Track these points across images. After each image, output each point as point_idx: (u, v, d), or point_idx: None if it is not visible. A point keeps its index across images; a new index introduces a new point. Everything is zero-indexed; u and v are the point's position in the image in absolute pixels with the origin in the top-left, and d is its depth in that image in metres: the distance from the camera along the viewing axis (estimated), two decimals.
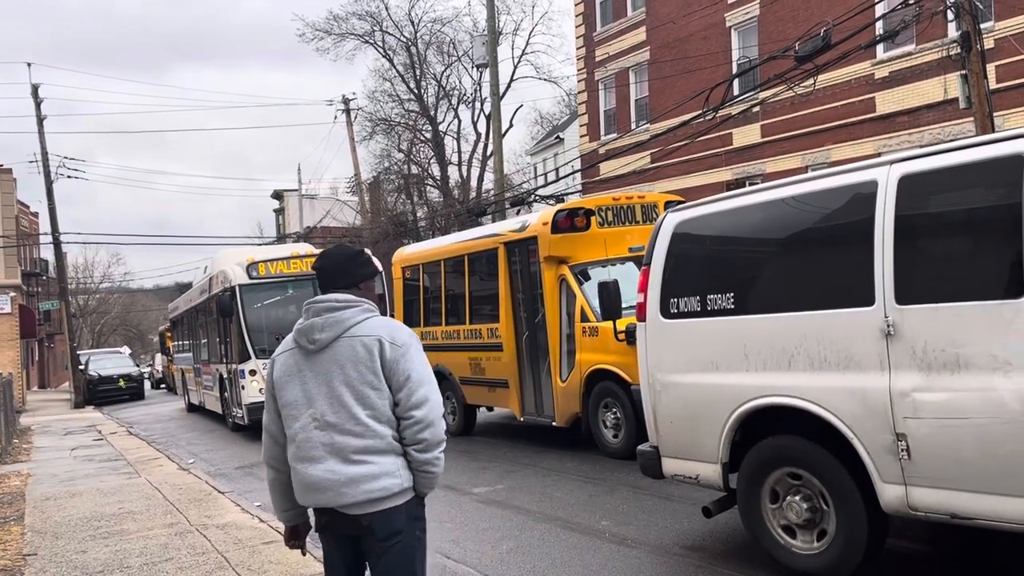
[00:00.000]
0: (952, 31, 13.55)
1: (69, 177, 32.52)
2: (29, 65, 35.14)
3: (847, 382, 4.46)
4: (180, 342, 24.17)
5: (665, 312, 5.55)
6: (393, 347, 2.99)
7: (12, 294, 29.03)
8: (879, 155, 13.49)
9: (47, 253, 43.70)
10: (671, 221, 5.69)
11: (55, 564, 6.53)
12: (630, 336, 8.32)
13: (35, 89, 31.06)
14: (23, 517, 8.56)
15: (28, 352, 37.53)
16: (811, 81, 12.38)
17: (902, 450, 4.21)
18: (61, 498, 9.61)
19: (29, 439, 17.65)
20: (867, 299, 4.37)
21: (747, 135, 20.31)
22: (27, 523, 8.24)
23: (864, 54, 15.16)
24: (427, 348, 12.40)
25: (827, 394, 4.55)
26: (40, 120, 31.09)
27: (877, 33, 13.62)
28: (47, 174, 30.86)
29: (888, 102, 17.37)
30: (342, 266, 3.21)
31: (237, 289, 14.32)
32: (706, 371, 5.27)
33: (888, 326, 4.26)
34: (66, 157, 32.56)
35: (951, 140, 5.63)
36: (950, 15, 12.40)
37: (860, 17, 12.10)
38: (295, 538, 3.35)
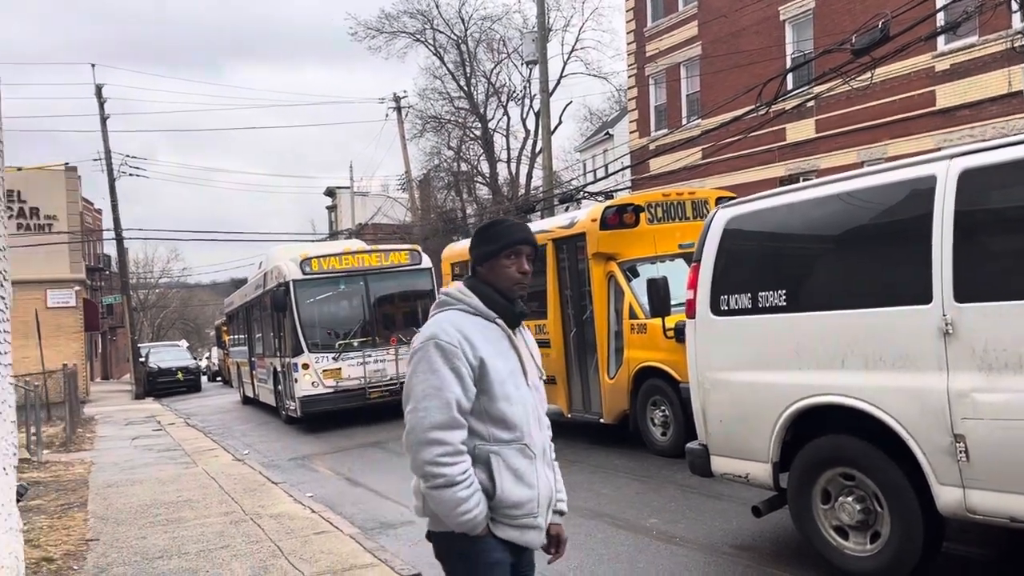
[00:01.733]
0: (1016, 22, 13.14)
1: (131, 175, 33.51)
2: (93, 66, 36.26)
3: (903, 381, 4.37)
4: (235, 336, 24.71)
5: (715, 309, 5.50)
6: (412, 351, 2.66)
7: (77, 288, 29.96)
8: (939, 150, 13.15)
9: (110, 249, 45.04)
10: (722, 217, 5.63)
11: (116, 549, 6.75)
12: (679, 334, 8.26)
13: (99, 89, 32.04)
14: (86, 504, 8.86)
15: (92, 344, 38.72)
16: (868, 75, 12.10)
17: (960, 452, 4.11)
18: (122, 486, 9.92)
19: (92, 428, 18.24)
20: (924, 297, 4.27)
21: (801, 130, 19.95)
22: (90, 509, 8.53)
23: (924, 46, 14.76)
24: None
25: (882, 394, 4.47)
26: (103, 120, 32.06)
27: (938, 25, 13.25)
28: (110, 172, 31.82)
29: (949, 95, 16.89)
30: (469, 248, 2.84)
31: (291, 284, 14.58)
32: (757, 369, 5.21)
33: (946, 324, 4.16)
34: (128, 155, 33.54)
35: (1016, 134, 5.46)
36: (1014, 5, 12.02)
37: (920, 8, 11.78)
38: None
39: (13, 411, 4.61)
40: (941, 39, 15.95)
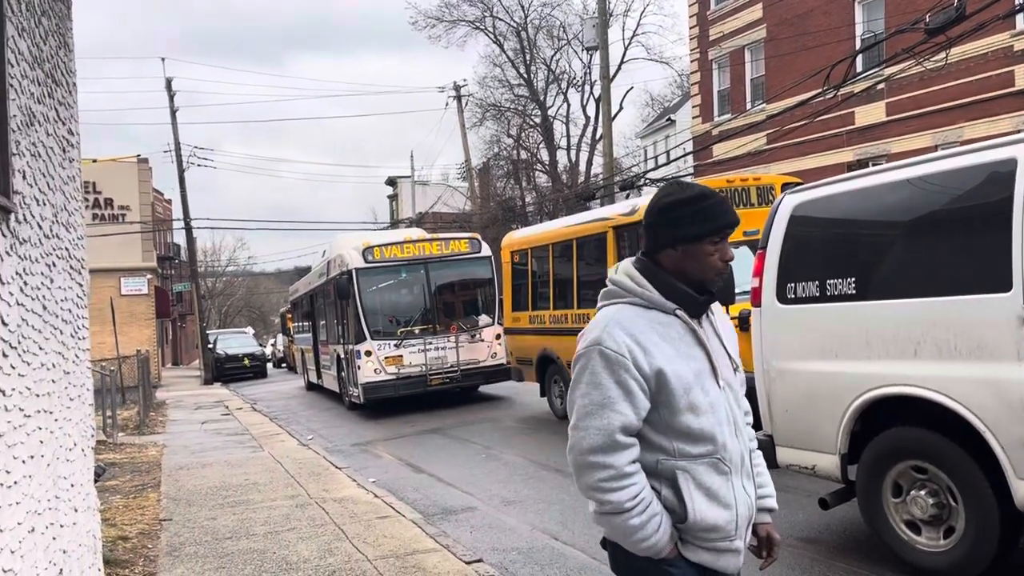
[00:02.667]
0: None
1: (199, 166, 34.49)
2: (163, 60, 37.44)
3: (979, 372, 4.21)
4: (299, 323, 25.23)
5: (781, 297, 5.38)
6: (576, 356, 2.27)
7: (148, 276, 30.98)
8: (1018, 132, 12.62)
9: (179, 238, 46.46)
10: (789, 203, 5.50)
11: (188, 529, 6.97)
12: (743, 322, 8.10)
13: (168, 83, 32.93)
14: (159, 485, 9.17)
15: (162, 331, 40.00)
16: (943, 55, 11.65)
17: None
18: (193, 468, 10.23)
19: (164, 412, 18.86)
20: (1003, 285, 4.11)
21: (870, 114, 19.36)
22: (163, 490, 8.82)
23: (1002, 25, 14.16)
24: (534, 332, 12.64)
25: (956, 384, 4.31)
26: (173, 112, 32.98)
27: (1017, 2, 12.68)
28: (179, 163, 32.72)
29: None
30: (644, 218, 2.34)
31: (354, 272, 14.81)
32: (825, 358, 5.09)
33: None
34: (196, 147, 34.52)
35: None
36: None
37: None
38: None
39: (91, 395, 4.79)
40: (1020, 17, 15.25)
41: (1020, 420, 4.03)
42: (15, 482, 2.92)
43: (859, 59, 16.04)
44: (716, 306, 2.36)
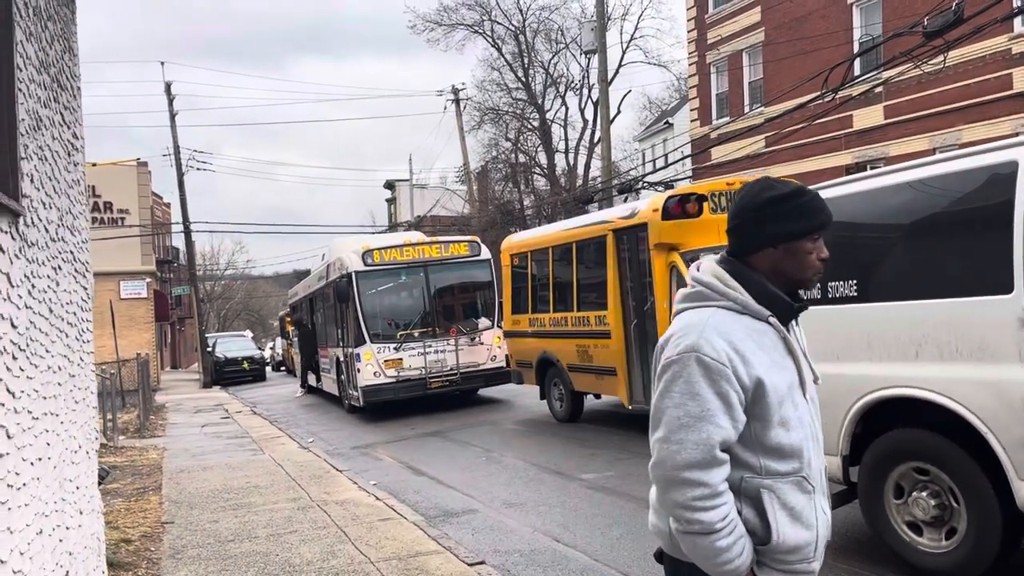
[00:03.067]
0: None
1: (198, 169, 34.41)
2: (162, 63, 37.43)
3: (980, 374, 4.24)
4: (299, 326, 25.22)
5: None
6: (660, 362, 2.11)
7: (148, 280, 30.98)
8: (1016, 135, 12.64)
9: (178, 241, 46.46)
10: None
11: (190, 532, 6.98)
12: None
13: (168, 86, 32.93)
14: (160, 488, 9.17)
15: (161, 334, 39.98)
16: (941, 58, 11.69)
17: None
18: (194, 471, 10.23)
19: (164, 416, 18.85)
20: (1005, 287, 4.13)
21: (869, 117, 19.41)
22: (164, 493, 8.82)
23: (1000, 28, 14.21)
24: (534, 335, 12.67)
25: (958, 386, 4.34)
26: (172, 116, 32.96)
27: (1015, 5, 12.74)
28: (179, 167, 32.70)
29: None
30: (735, 216, 2.18)
31: (353, 275, 14.82)
32: (826, 360, 5.09)
33: None
34: (195, 150, 34.51)
35: None
36: None
37: None
38: None
39: (95, 397, 4.81)
40: (1018, 20, 15.31)
41: (1021, 421, 4.05)
42: (24, 484, 2.94)
43: (857, 62, 16.08)
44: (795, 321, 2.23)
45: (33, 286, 3.27)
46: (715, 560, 1.99)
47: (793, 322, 2.20)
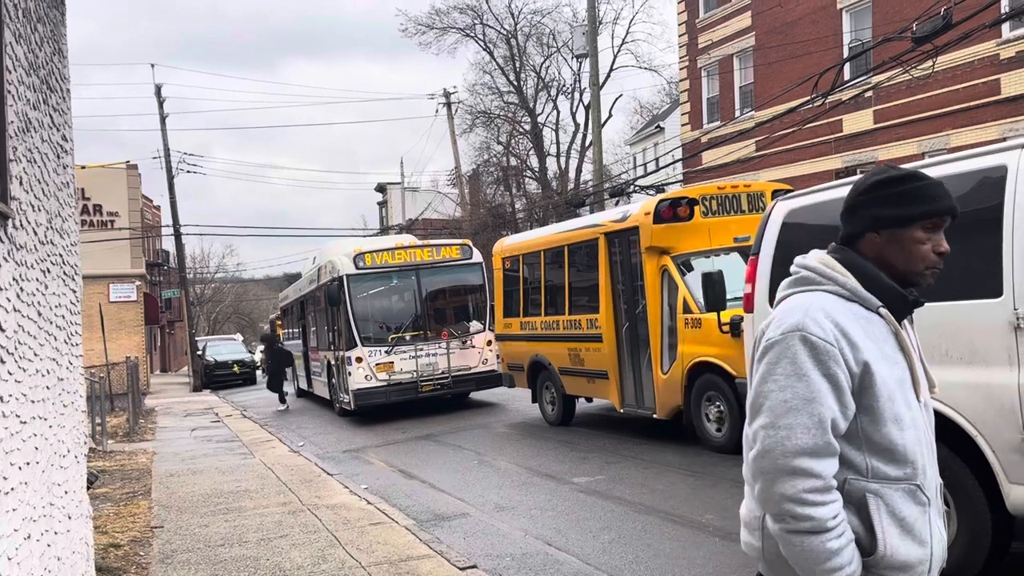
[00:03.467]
0: None
1: (188, 172, 34.28)
2: (153, 66, 37.30)
3: (971, 377, 4.26)
4: (290, 330, 25.14)
5: (774, 303, 5.41)
6: (760, 345, 1.95)
7: (137, 283, 30.80)
8: (1004, 140, 12.74)
9: (168, 244, 46.28)
10: (781, 209, 5.55)
11: (180, 536, 6.94)
12: (734, 328, 8.17)
13: (158, 89, 32.83)
14: (150, 492, 9.12)
15: (151, 338, 39.77)
16: (930, 63, 11.77)
17: None
18: (183, 475, 10.18)
19: (153, 419, 18.76)
20: (994, 290, 4.16)
21: (858, 121, 19.51)
22: (154, 498, 8.77)
23: (988, 33, 14.30)
24: (526, 338, 12.66)
25: (948, 389, 4.35)
26: (163, 118, 32.85)
27: (1003, 11, 12.84)
28: (169, 170, 32.58)
29: (1015, 83, 16.34)
30: (846, 200, 2.03)
31: (344, 279, 14.79)
32: None
33: (1018, 319, 4.04)
34: (185, 153, 34.40)
35: None
36: None
37: None
38: None
39: (84, 401, 4.78)
40: (1006, 26, 15.44)
41: (1011, 425, 4.07)
42: (12, 488, 2.91)
43: (847, 67, 16.19)
44: (908, 321, 2.05)
45: (22, 289, 3.25)
46: (824, 564, 1.76)
47: (907, 320, 2.04)
